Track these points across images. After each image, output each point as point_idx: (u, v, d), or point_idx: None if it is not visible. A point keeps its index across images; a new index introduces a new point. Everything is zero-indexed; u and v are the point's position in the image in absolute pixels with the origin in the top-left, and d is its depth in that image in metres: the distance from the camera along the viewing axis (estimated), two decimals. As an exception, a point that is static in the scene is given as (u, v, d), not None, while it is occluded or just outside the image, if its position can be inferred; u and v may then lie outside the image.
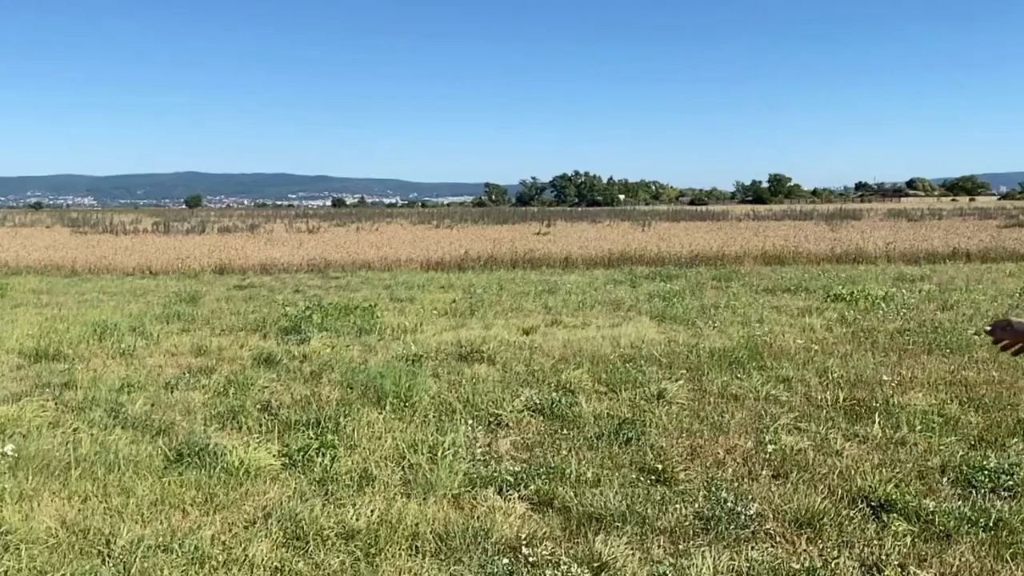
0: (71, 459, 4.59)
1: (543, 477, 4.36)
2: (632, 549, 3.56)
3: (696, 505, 4.00)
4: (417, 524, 3.75)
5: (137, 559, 3.43)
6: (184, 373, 6.96)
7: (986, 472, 4.30)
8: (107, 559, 3.48)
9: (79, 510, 3.97)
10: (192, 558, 3.47)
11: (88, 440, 4.97)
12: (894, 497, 4.00)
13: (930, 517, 3.77)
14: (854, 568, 3.39)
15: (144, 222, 39.70)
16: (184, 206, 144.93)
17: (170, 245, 23.05)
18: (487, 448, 4.96)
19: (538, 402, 5.78)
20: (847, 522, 3.78)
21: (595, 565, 3.40)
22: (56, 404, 5.92)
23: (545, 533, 3.71)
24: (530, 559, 3.44)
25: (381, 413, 5.57)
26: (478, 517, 3.85)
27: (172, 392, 6.29)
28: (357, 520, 3.81)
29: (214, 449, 4.70)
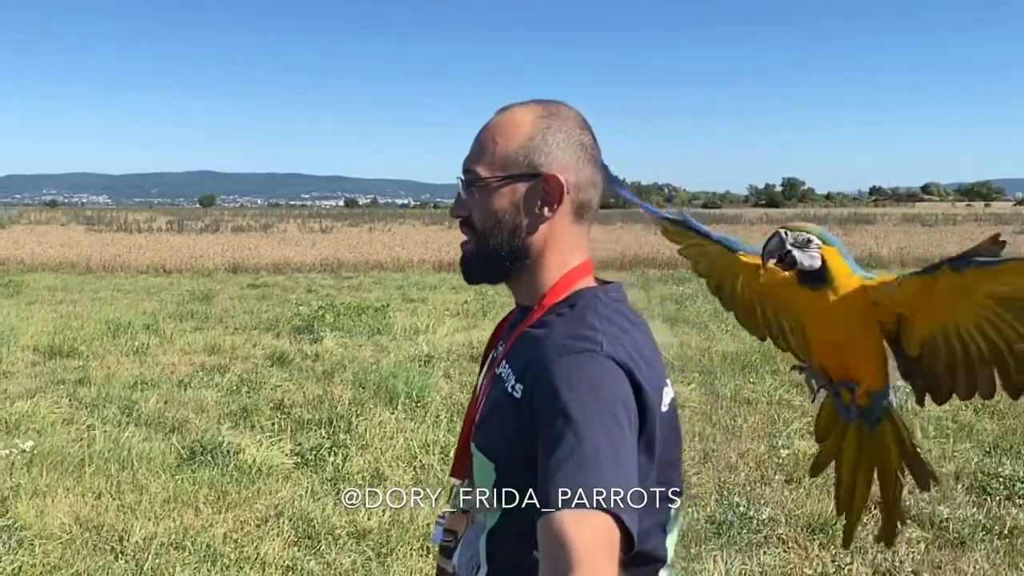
0: (85, 456, 4.62)
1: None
2: (644, 552, 3.54)
3: (708, 509, 3.99)
4: (428, 524, 3.75)
5: (150, 556, 3.45)
6: (197, 371, 6.99)
7: (1001, 479, 4.27)
8: (120, 556, 3.50)
9: (92, 507, 4.00)
10: (204, 556, 3.48)
11: (102, 437, 5.00)
12: (908, 503, 3.97)
13: (944, 524, 3.75)
14: (867, 574, 3.37)
15: (158, 220, 39.87)
16: (198, 205, 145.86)
17: (184, 244, 23.16)
18: (498, 449, 4.95)
19: (550, 404, 5.76)
20: (860, 528, 3.75)
21: (606, 568, 3.40)
22: (70, 401, 5.96)
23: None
24: (541, 561, 3.44)
25: (393, 413, 5.58)
26: (489, 518, 3.85)
27: (185, 390, 6.32)
28: (368, 520, 3.81)
29: (227, 447, 4.72)
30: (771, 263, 1.34)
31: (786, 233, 1.30)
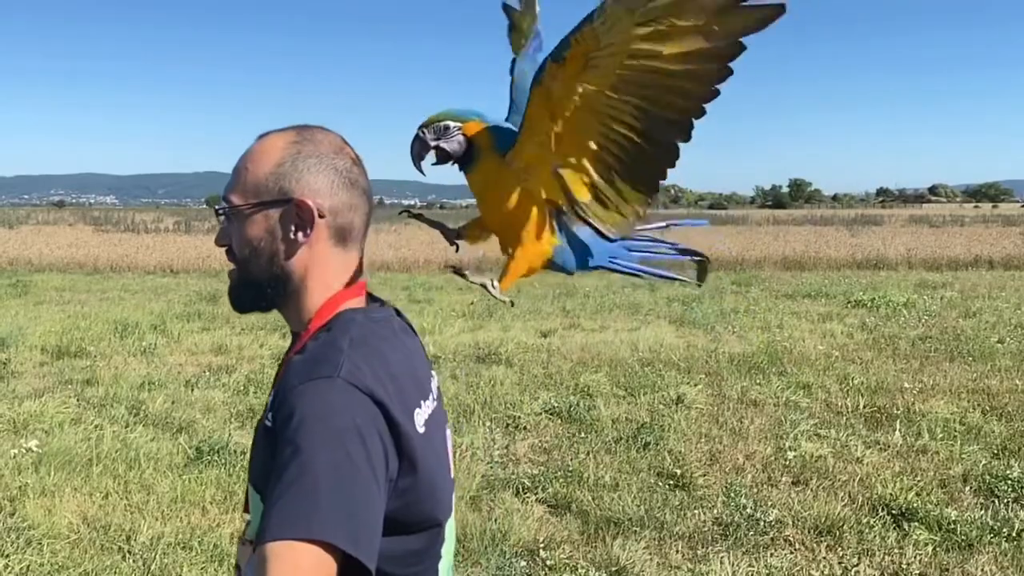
0: (92, 455, 4.63)
1: (561, 480, 4.36)
2: (650, 554, 3.55)
3: (715, 511, 3.98)
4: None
5: (157, 556, 3.46)
6: (204, 371, 7.00)
7: (1009, 481, 4.26)
8: (127, 555, 3.51)
9: (100, 506, 4.01)
10: (211, 555, 3.49)
11: (109, 437, 5.01)
12: (915, 505, 3.96)
13: (952, 526, 3.74)
14: (874, 577, 3.36)
15: (165, 221, 39.95)
16: (205, 205, 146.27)
17: (191, 244, 23.18)
18: (505, 450, 4.96)
19: (556, 405, 5.77)
20: (867, 530, 3.75)
21: (613, 569, 3.40)
22: (78, 401, 5.98)
23: (563, 536, 3.71)
24: (548, 562, 3.44)
25: (399, 414, 5.58)
26: (496, 519, 3.85)
27: (192, 390, 6.33)
28: (375, 520, 3.81)
29: (233, 447, 4.73)
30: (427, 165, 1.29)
31: (424, 131, 1.25)
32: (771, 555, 3.54)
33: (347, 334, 1.01)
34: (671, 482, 4.38)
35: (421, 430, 1.01)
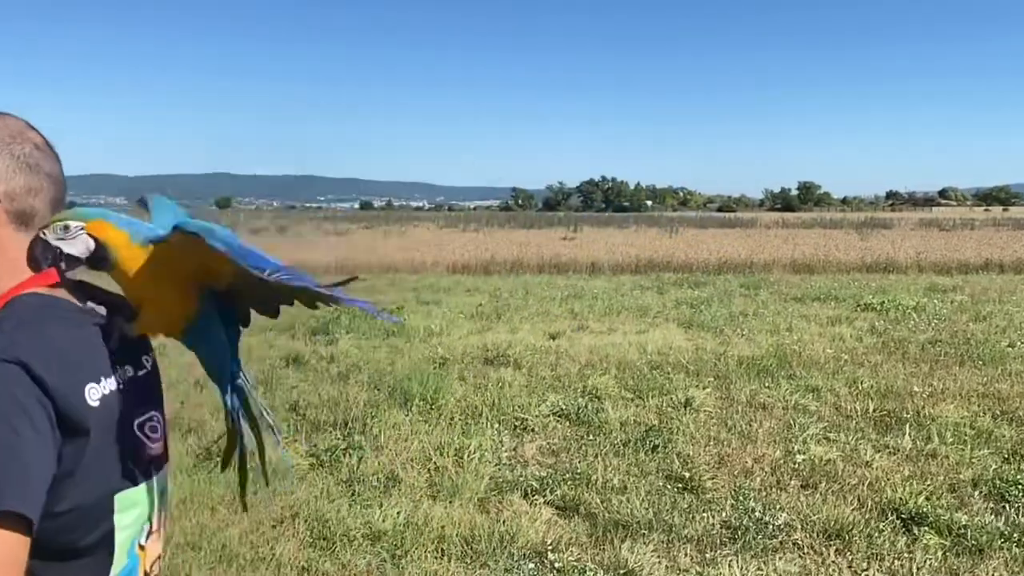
0: (102, 455, 4.65)
1: (569, 483, 4.36)
2: (658, 557, 3.54)
3: (723, 514, 3.97)
4: (443, 527, 3.75)
5: (166, 556, 3.46)
6: (213, 372, 7.01)
7: (1020, 486, 4.23)
8: (137, 555, 3.51)
9: (110, 506, 4.02)
10: (220, 556, 3.50)
11: (119, 437, 5.03)
12: (925, 510, 3.94)
13: (962, 531, 3.72)
14: (884, 581, 3.35)
15: (175, 222, 39.95)
16: (214, 207, 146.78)
17: (200, 245, 23.21)
18: (513, 452, 4.96)
19: (564, 407, 5.77)
20: (877, 534, 3.74)
21: (621, 572, 3.39)
22: (88, 401, 5.99)
23: (571, 539, 3.71)
24: (556, 564, 3.44)
25: (408, 415, 5.59)
26: (504, 521, 3.85)
27: (202, 391, 6.34)
28: (383, 521, 3.82)
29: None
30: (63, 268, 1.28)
31: (45, 233, 1.19)
32: (780, 559, 3.53)
33: (14, 315, 1.04)
34: (679, 485, 4.38)
35: (95, 404, 1.04)
